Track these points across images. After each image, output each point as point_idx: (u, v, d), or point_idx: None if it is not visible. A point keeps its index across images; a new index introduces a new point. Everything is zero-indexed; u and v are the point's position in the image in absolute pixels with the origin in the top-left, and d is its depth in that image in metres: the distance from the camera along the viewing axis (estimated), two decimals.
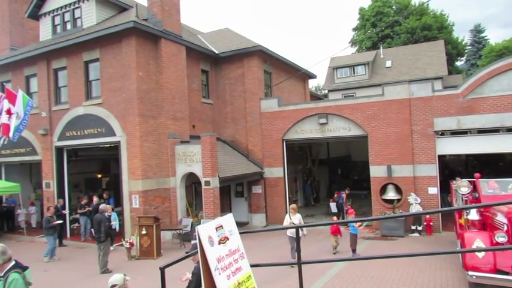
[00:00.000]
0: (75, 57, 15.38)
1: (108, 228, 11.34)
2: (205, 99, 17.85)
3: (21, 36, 20.27)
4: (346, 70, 34.69)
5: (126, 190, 14.19)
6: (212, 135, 14.29)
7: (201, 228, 4.80)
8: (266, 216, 17.24)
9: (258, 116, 17.42)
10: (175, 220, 14.66)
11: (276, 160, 17.19)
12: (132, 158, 13.94)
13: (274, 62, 19.53)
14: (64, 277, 10.98)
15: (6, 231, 18.11)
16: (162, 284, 4.69)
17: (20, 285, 4.13)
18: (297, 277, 8.81)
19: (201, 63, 17.54)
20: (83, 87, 15.25)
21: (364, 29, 46.27)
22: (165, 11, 14.87)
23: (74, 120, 15.48)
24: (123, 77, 14.03)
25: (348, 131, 15.78)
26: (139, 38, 13.91)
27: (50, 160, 16.28)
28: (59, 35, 17.05)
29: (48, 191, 16.43)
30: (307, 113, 16.48)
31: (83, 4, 16.31)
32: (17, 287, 4.11)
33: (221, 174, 14.33)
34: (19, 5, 20.05)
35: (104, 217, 11.39)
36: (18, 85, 16.58)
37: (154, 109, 14.47)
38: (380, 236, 13.90)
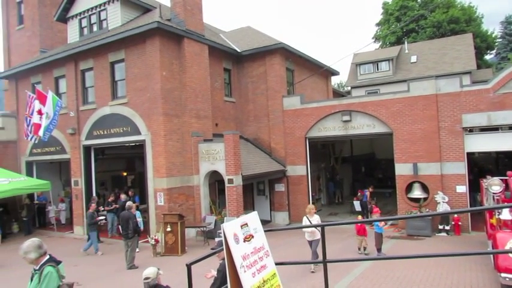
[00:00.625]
0: (101, 58, 15.75)
1: (136, 225, 11.58)
2: (228, 97, 17.94)
3: (50, 39, 20.96)
4: (370, 66, 34.10)
5: (151, 188, 14.46)
6: (235, 133, 14.34)
7: (227, 225, 4.84)
8: (289, 214, 17.19)
9: (280, 114, 17.37)
10: (199, 217, 14.83)
11: (299, 158, 17.10)
12: (156, 156, 14.18)
13: (297, 59, 19.41)
14: (93, 272, 11.29)
15: (38, 227, 18.79)
16: (188, 280, 4.75)
17: (54, 278, 4.26)
18: (320, 276, 8.76)
19: (223, 61, 17.63)
20: (109, 87, 15.61)
21: (388, 23, 45.32)
22: (188, 10, 15.02)
23: (101, 120, 15.87)
24: (147, 77, 14.27)
25: (372, 128, 15.53)
26: (162, 38, 14.11)
27: (78, 158, 16.76)
28: (85, 36, 17.52)
29: (76, 188, 16.93)
30: (330, 110, 16.31)
31: (109, 6, 16.69)
32: (51, 280, 4.23)
33: (244, 172, 14.38)
34: (48, 9, 20.73)
35: (132, 214, 11.65)
36: (48, 86, 17.12)
37: (178, 108, 14.65)
38: (406, 235, 13.63)
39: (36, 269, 4.30)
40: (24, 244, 4.35)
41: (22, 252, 4.28)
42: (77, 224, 16.99)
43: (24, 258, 4.30)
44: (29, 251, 4.28)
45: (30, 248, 4.30)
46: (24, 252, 4.27)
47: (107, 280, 10.48)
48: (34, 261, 4.30)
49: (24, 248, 4.30)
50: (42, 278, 4.20)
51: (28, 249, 4.29)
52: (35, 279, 4.27)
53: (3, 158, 18.86)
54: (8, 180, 16.29)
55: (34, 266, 4.33)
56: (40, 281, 4.19)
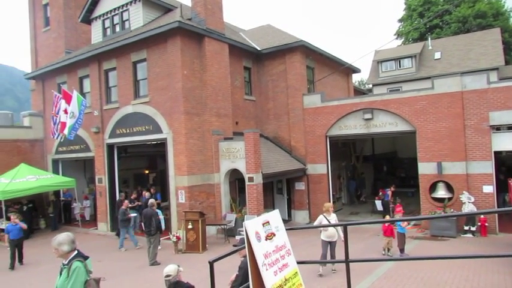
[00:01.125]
0: (124, 58, 16.04)
1: (158, 222, 11.75)
2: (248, 95, 17.96)
3: (75, 40, 21.50)
4: (392, 63, 33.47)
5: (172, 185, 14.64)
6: (255, 131, 14.35)
7: (248, 223, 4.84)
8: (309, 213, 17.09)
9: (300, 112, 17.27)
10: (220, 215, 14.92)
11: (319, 156, 16.97)
12: (178, 154, 14.34)
13: (317, 57, 19.24)
14: (116, 268, 11.52)
15: (63, 223, 19.32)
16: (211, 277, 4.78)
17: (82, 273, 4.35)
18: (341, 276, 8.67)
19: (243, 60, 17.66)
20: (131, 86, 15.88)
21: (411, 19, 44.33)
22: (208, 9, 15.10)
23: (124, 119, 16.17)
24: (169, 76, 14.44)
25: (395, 126, 15.25)
26: (183, 37, 14.24)
27: (101, 156, 17.13)
28: (108, 37, 17.87)
29: (100, 186, 17.31)
30: (352, 108, 16.11)
31: (131, 7, 16.96)
32: (80, 274, 4.32)
33: (264, 170, 14.38)
34: (73, 11, 21.26)
35: (154, 211, 11.84)
36: (73, 86, 17.57)
37: (198, 106, 14.77)
38: (429, 235, 13.34)
39: (65, 263, 4.41)
40: (60, 236, 4.45)
41: (56, 243, 4.37)
42: (100, 220, 17.37)
43: (56, 250, 4.38)
44: (64, 243, 4.38)
45: (65, 240, 4.40)
46: (58, 244, 4.36)
47: (130, 276, 10.68)
48: (65, 255, 4.39)
49: (60, 239, 4.40)
50: (70, 273, 4.29)
51: (64, 241, 4.39)
52: (63, 273, 4.37)
53: (31, 156, 19.49)
54: (36, 178, 16.84)
55: (63, 261, 4.43)
56: (68, 275, 4.29)
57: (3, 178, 16.48)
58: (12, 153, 18.76)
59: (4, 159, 18.35)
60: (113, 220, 16.95)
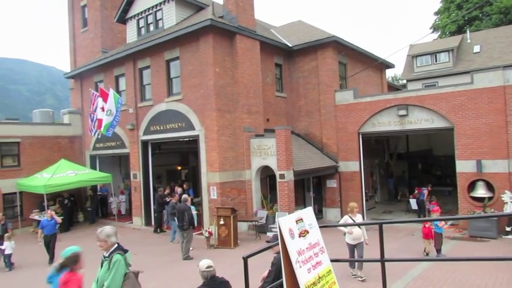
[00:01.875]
0: (158, 56, 16.40)
1: (190, 217, 11.97)
2: (279, 92, 17.92)
3: (110, 40, 22.21)
4: (427, 58, 32.40)
5: (204, 182, 14.86)
6: (287, 128, 14.30)
7: (282, 220, 4.83)
8: (341, 211, 16.85)
9: (332, 109, 17.05)
10: (251, 212, 15.01)
11: (352, 154, 16.69)
12: (210, 151, 14.53)
13: (350, 53, 18.90)
14: (151, 261, 11.85)
15: (100, 217, 20.07)
16: (245, 273, 4.83)
17: (122, 266, 4.54)
18: (374, 276, 8.52)
19: (274, 57, 17.62)
20: (164, 84, 16.22)
21: (448, 12, 42.67)
22: (240, 7, 15.15)
23: (157, 116, 16.55)
24: (201, 74, 14.63)
25: (431, 123, 14.75)
26: (215, 35, 14.37)
27: (136, 153, 17.63)
28: (143, 36, 18.32)
29: (135, 181, 17.83)
30: (385, 104, 15.72)
31: (164, 6, 17.31)
32: (120, 266, 4.50)
33: (295, 167, 14.31)
34: (109, 11, 21.96)
35: (188, 206, 12.06)
36: (109, 84, 18.17)
37: (230, 103, 14.89)
38: (468, 236, 12.85)
39: (106, 256, 4.58)
40: (107, 228, 4.66)
41: (105, 235, 4.56)
42: (135, 214, 17.90)
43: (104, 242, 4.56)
44: (112, 235, 4.62)
45: (112, 232, 4.64)
46: (107, 236, 4.57)
47: (164, 269, 10.95)
48: (109, 247, 4.57)
49: (108, 231, 4.61)
50: (111, 265, 4.47)
51: (111, 233, 4.62)
52: (104, 265, 4.56)
53: (70, 151, 20.36)
54: (75, 173, 17.58)
55: (104, 253, 4.61)
56: (109, 267, 4.47)
57: (45, 173, 17.33)
58: (53, 149, 19.66)
59: (46, 154, 19.27)
60: (147, 214, 17.45)
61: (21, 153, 18.48)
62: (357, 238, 8.73)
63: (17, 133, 18.45)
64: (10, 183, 17.71)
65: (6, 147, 18.10)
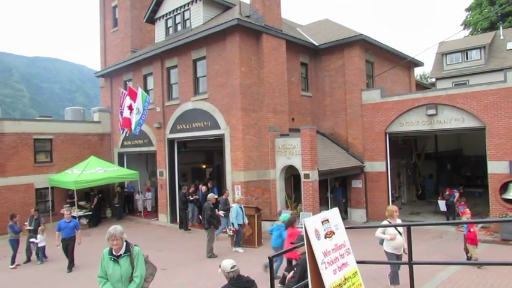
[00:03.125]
0: (185, 56, 16.62)
1: (210, 216, 11.95)
2: (305, 91, 17.82)
3: (139, 39, 22.70)
4: (458, 55, 31.41)
5: (229, 180, 14.97)
6: (312, 128, 14.22)
7: (308, 221, 4.82)
8: (366, 212, 16.64)
9: (358, 108, 16.82)
10: (275, 211, 15.00)
11: (378, 154, 16.43)
12: (235, 150, 14.63)
13: (377, 51, 18.57)
14: (176, 258, 12.07)
15: (127, 213, 20.56)
16: (270, 272, 4.87)
17: (142, 254, 5.00)
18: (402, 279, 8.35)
19: (300, 56, 17.53)
20: (191, 83, 16.43)
21: (480, 8, 41.20)
22: (266, 6, 15.15)
23: (184, 115, 16.79)
24: (227, 73, 14.74)
25: (461, 122, 14.33)
26: (242, 34, 14.44)
27: (163, 151, 17.95)
28: (171, 36, 18.62)
29: (161, 179, 18.17)
30: (414, 103, 15.38)
31: (192, 6, 17.53)
32: (141, 255, 4.97)
33: (320, 167, 14.21)
34: (138, 12, 22.45)
35: (208, 205, 12.14)
36: (138, 83, 18.56)
37: (255, 103, 14.93)
38: (500, 239, 12.43)
39: (121, 253, 4.81)
40: (117, 226, 4.89)
41: (120, 232, 4.79)
42: (161, 212, 18.24)
43: (120, 239, 4.78)
44: (124, 232, 4.88)
45: (122, 229, 4.91)
46: (122, 232, 4.81)
47: (189, 267, 11.12)
48: (122, 245, 4.80)
49: (121, 228, 4.86)
50: (135, 256, 4.83)
51: (122, 229, 4.89)
52: (123, 262, 4.79)
53: (100, 149, 20.95)
54: (104, 170, 18.08)
55: (114, 252, 4.82)
56: (131, 261, 4.80)
57: (76, 169, 17.91)
58: (83, 146, 20.29)
59: (77, 151, 19.91)
60: (172, 212, 17.74)
61: (53, 149, 19.16)
62: (399, 247, 7.62)
63: (49, 130, 19.14)
64: (43, 178, 18.41)
65: (40, 143, 18.80)
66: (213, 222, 12.08)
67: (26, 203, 17.42)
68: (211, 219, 12.04)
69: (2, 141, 17.36)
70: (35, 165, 18.45)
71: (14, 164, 17.67)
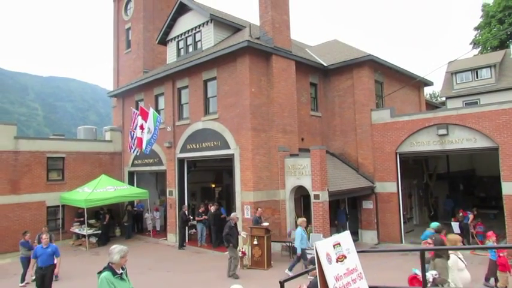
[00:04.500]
0: (196, 76, 16.88)
1: (227, 234, 11.82)
2: (314, 112, 17.87)
3: (151, 60, 23.19)
4: (468, 74, 31.31)
5: (238, 201, 14.93)
6: (322, 148, 14.18)
7: (319, 244, 4.77)
8: (378, 234, 16.36)
9: (368, 128, 16.77)
10: (284, 232, 14.87)
11: (389, 174, 16.27)
12: (244, 170, 14.63)
13: (386, 71, 18.63)
14: (184, 279, 11.96)
15: (136, 232, 20.53)
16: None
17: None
18: None
19: (309, 76, 17.67)
20: (201, 103, 16.62)
21: (489, 27, 41.24)
22: (276, 28, 15.40)
23: (194, 134, 16.93)
24: (237, 93, 14.90)
25: (473, 142, 14.17)
26: (252, 55, 14.64)
27: (173, 170, 18.04)
28: (182, 57, 18.97)
29: (171, 198, 18.19)
30: (424, 123, 15.30)
31: (203, 28, 17.91)
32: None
33: (330, 188, 14.10)
34: (151, 34, 23.02)
35: (229, 224, 12.06)
36: (149, 103, 18.84)
37: (265, 123, 15.01)
38: None
39: (119, 272, 5.15)
40: (120, 246, 5.25)
41: (125, 252, 5.18)
42: (170, 231, 18.17)
43: (123, 258, 5.12)
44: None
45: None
46: (126, 253, 5.17)
47: None
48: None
49: (126, 248, 5.23)
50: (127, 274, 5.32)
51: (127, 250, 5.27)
52: (125, 278, 5.22)
53: (111, 167, 21.15)
54: (114, 188, 18.21)
55: (117, 270, 5.13)
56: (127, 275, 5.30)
57: (87, 187, 18.07)
58: (94, 165, 20.52)
59: (88, 170, 20.13)
60: (182, 231, 17.66)
61: (65, 167, 19.42)
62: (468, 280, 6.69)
63: (62, 149, 19.45)
64: (54, 196, 18.62)
65: (53, 162, 19.09)
66: (231, 240, 11.89)
67: (37, 221, 17.57)
68: (229, 237, 11.88)
69: (17, 159, 17.67)
70: (47, 183, 18.68)
71: (27, 181, 17.92)
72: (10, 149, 17.52)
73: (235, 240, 12.01)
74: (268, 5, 15.31)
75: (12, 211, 17.25)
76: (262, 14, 15.59)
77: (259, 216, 13.77)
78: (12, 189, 17.40)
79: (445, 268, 6.27)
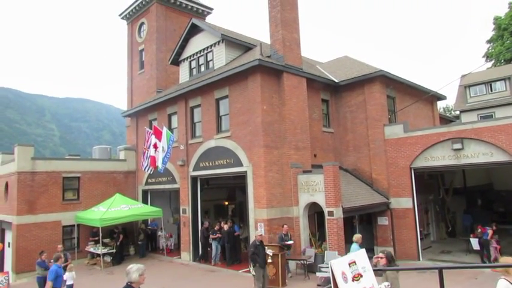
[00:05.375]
0: (208, 95, 17.12)
1: (252, 253, 11.62)
2: (326, 128, 17.86)
3: (164, 80, 23.65)
4: (482, 87, 31.04)
5: (252, 218, 14.87)
6: (334, 164, 14.11)
7: (335, 263, 4.72)
8: (394, 251, 16.00)
9: (382, 143, 16.66)
10: (299, 250, 14.68)
11: (404, 190, 16.05)
12: (257, 187, 14.62)
13: (398, 86, 18.59)
14: None
15: (150, 251, 20.52)
16: None
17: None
18: None
19: (321, 92, 17.74)
20: (214, 122, 16.79)
21: (502, 39, 40.96)
22: (287, 46, 15.60)
23: (207, 152, 17.05)
24: (249, 111, 15.03)
25: (490, 156, 13.93)
26: (263, 74, 14.82)
27: (186, 188, 18.12)
28: (194, 76, 19.30)
29: (184, 216, 18.21)
30: (438, 138, 15.13)
31: (214, 48, 18.25)
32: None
33: (344, 204, 13.96)
34: (163, 54, 23.54)
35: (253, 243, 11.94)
36: (162, 122, 19.11)
37: (277, 140, 15.05)
38: None
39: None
40: (141, 265, 5.26)
41: (143, 270, 5.16)
42: (184, 250, 18.13)
43: (142, 276, 5.11)
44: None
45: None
46: (143, 270, 5.14)
47: None
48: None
49: (144, 267, 5.22)
50: None
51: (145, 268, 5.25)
52: None
53: (125, 186, 21.35)
54: (128, 207, 18.34)
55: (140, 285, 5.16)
56: None
57: (102, 207, 18.23)
58: (109, 184, 20.75)
59: (103, 189, 20.36)
60: (195, 250, 17.62)
61: (80, 187, 19.68)
62: None
63: (77, 168, 19.76)
64: (69, 215, 18.83)
65: (68, 181, 19.38)
66: (257, 260, 11.63)
67: (53, 240, 17.74)
68: (255, 257, 11.65)
69: (34, 180, 18.00)
70: (63, 202, 18.93)
71: (44, 201, 18.20)
72: (28, 169, 17.89)
73: (262, 259, 11.72)
74: (278, 24, 15.57)
75: (29, 231, 17.48)
76: (273, 32, 15.85)
77: (285, 233, 13.61)
78: (29, 209, 17.68)
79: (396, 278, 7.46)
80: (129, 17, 26.93)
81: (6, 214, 18.77)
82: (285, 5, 15.77)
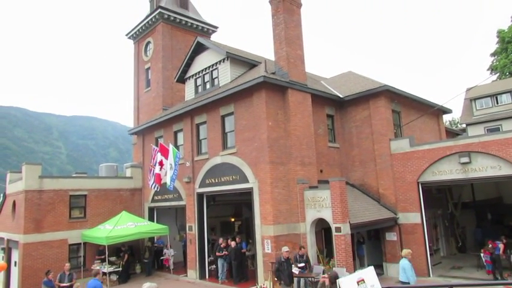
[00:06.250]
0: (214, 112, 17.24)
1: (277, 270, 11.52)
2: (332, 143, 17.85)
3: (170, 98, 23.91)
4: (487, 100, 30.99)
5: (258, 235, 14.75)
6: (341, 180, 14.04)
7: (343, 282, 4.68)
8: None
9: (388, 158, 16.58)
10: None
11: (412, 204, 15.88)
12: (263, 203, 14.55)
13: (403, 100, 18.60)
14: None
15: (156, 269, 20.35)
16: None
17: None
18: None
19: (326, 108, 17.80)
20: (220, 138, 16.86)
21: (506, 52, 41.03)
22: (291, 63, 15.75)
23: (213, 169, 17.06)
24: (254, 127, 15.09)
25: (498, 170, 13.79)
26: (268, 90, 14.93)
27: (192, 205, 18.08)
28: (200, 94, 19.49)
29: (190, 233, 18.11)
30: (445, 152, 15.04)
31: (219, 65, 18.47)
32: None
33: (352, 220, 13.83)
34: (169, 72, 23.87)
35: (278, 258, 11.89)
36: (169, 139, 19.23)
37: (283, 156, 15.04)
38: None
39: None
40: (154, 283, 5.39)
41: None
42: (190, 267, 17.97)
43: None
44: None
45: None
46: None
47: None
48: None
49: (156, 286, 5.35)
50: None
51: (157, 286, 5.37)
52: None
53: (131, 203, 21.35)
54: (135, 225, 18.29)
55: None
56: None
57: (108, 224, 18.21)
58: (115, 202, 20.76)
59: (109, 206, 20.37)
60: (202, 267, 17.46)
61: (87, 205, 19.70)
62: None
63: (84, 186, 19.83)
64: (76, 234, 18.81)
65: (75, 199, 19.43)
66: (281, 276, 11.51)
67: (59, 259, 17.70)
68: (279, 273, 11.56)
69: (41, 198, 18.09)
70: (70, 220, 18.95)
71: (50, 220, 18.23)
72: (35, 188, 18.00)
73: (286, 277, 11.49)
74: (282, 41, 15.76)
75: (35, 249, 17.47)
76: (277, 50, 16.03)
77: (301, 254, 13.23)
78: (36, 227, 17.70)
79: None
80: (136, 36, 27.45)
81: (13, 233, 18.80)
82: (289, 22, 16.00)
